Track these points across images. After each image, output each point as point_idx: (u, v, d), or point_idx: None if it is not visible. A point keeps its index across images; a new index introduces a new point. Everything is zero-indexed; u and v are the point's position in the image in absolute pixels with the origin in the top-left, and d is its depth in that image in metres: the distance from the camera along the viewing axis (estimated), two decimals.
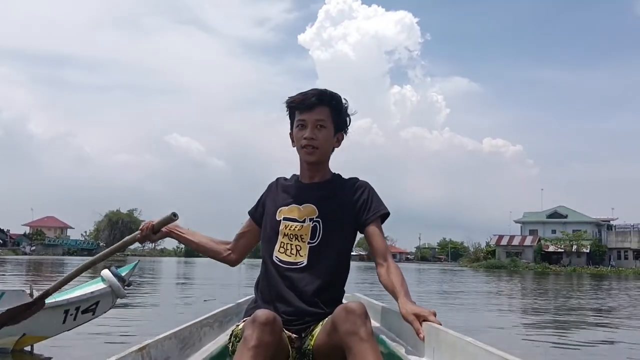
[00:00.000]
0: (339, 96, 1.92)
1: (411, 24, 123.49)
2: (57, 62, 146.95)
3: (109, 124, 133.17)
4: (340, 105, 1.93)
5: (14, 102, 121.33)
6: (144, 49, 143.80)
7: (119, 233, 78.34)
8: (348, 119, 1.97)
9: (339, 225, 1.88)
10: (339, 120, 1.93)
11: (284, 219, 1.90)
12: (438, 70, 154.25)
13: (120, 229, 79.11)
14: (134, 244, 2.24)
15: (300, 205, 1.91)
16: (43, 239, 71.78)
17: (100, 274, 4.60)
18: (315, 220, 1.87)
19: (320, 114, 1.87)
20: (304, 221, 1.88)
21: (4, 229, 67.57)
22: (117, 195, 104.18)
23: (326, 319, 1.70)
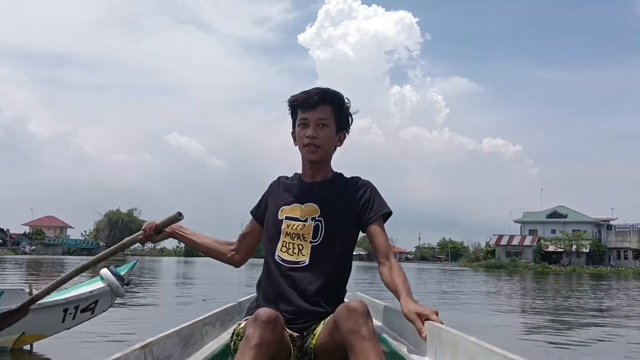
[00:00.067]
0: (341, 95, 1.92)
1: (411, 24, 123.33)
2: (57, 62, 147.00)
3: (109, 123, 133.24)
4: (342, 104, 1.92)
5: (14, 102, 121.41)
6: (144, 49, 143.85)
7: (119, 233, 78.33)
8: (350, 118, 1.97)
9: (341, 224, 1.88)
10: (341, 119, 1.93)
11: (286, 218, 1.90)
12: (438, 70, 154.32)
13: (120, 228, 79.09)
14: (134, 244, 2.19)
15: (302, 204, 1.90)
16: (43, 239, 71.76)
17: (99, 273, 4.61)
18: (317, 219, 1.86)
19: (322, 113, 1.87)
20: (306, 220, 1.87)
21: (4, 229, 67.54)
22: (117, 194, 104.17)
23: (328, 317, 1.69)
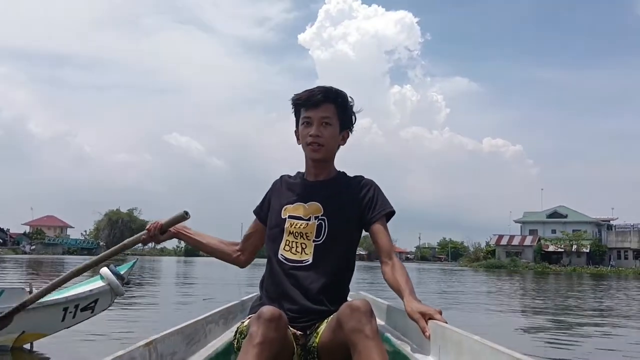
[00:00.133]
0: (344, 94, 1.92)
1: (411, 24, 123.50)
2: (57, 62, 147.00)
3: (109, 123, 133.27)
4: (346, 103, 1.92)
5: (14, 102, 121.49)
6: (144, 49, 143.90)
7: (119, 232, 78.39)
8: (353, 116, 1.97)
9: (344, 223, 1.87)
10: (345, 118, 1.93)
11: (289, 217, 1.89)
12: (438, 70, 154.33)
13: (120, 228, 79.11)
14: (137, 244, 2.16)
15: (305, 203, 1.90)
16: (43, 238, 71.66)
17: (99, 272, 4.61)
18: (320, 218, 1.86)
19: (326, 112, 1.86)
20: (309, 219, 1.87)
21: (4, 228, 67.51)
22: (117, 194, 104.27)
23: (331, 316, 1.70)
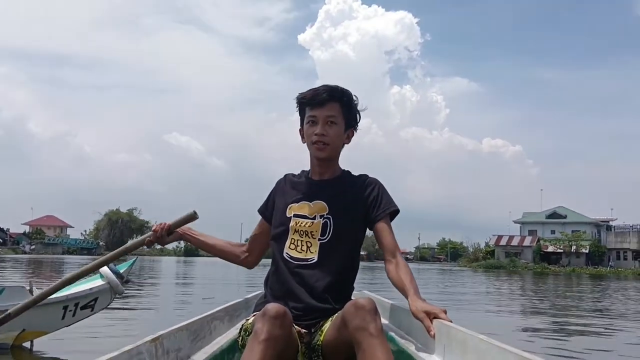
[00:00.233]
0: (349, 92, 1.92)
1: (411, 24, 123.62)
2: (57, 62, 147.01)
3: (109, 123, 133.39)
4: (350, 102, 1.92)
5: (14, 102, 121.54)
6: (144, 49, 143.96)
7: (119, 232, 78.52)
8: (358, 115, 1.97)
9: (349, 222, 1.88)
10: (350, 117, 1.93)
11: (295, 215, 1.90)
12: (438, 70, 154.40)
13: (120, 228, 79.22)
14: (142, 246, 2.12)
15: (310, 202, 1.90)
16: (43, 238, 71.64)
17: (98, 270, 4.65)
18: (325, 217, 1.87)
19: (331, 110, 1.87)
20: (314, 218, 1.87)
21: (4, 228, 67.47)
22: (117, 194, 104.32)
23: (336, 314, 1.70)
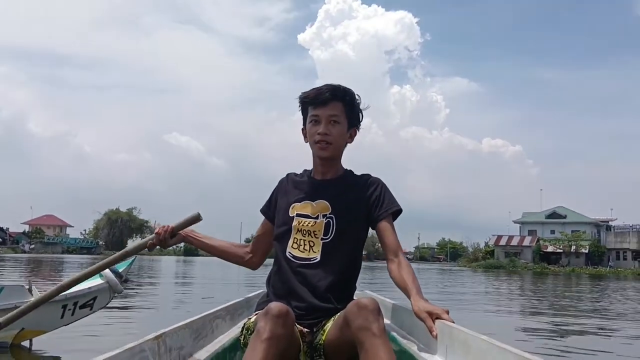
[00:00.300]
0: (352, 92, 1.92)
1: (411, 24, 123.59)
2: (57, 62, 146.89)
3: (109, 123, 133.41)
4: (353, 101, 1.92)
5: (14, 101, 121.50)
6: (144, 48, 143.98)
7: (118, 232, 78.56)
8: (361, 114, 1.97)
9: (352, 221, 1.88)
10: (352, 116, 1.93)
11: (297, 215, 1.90)
12: (438, 70, 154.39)
13: (120, 227, 79.25)
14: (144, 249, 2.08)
15: (313, 201, 1.90)
16: (42, 237, 71.64)
17: None
18: (328, 216, 1.87)
19: (334, 110, 1.87)
20: (317, 217, 1.87)
21: (4, 227, 67.58)
22: (117, 194, 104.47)
23: (338, 314, 1.70)
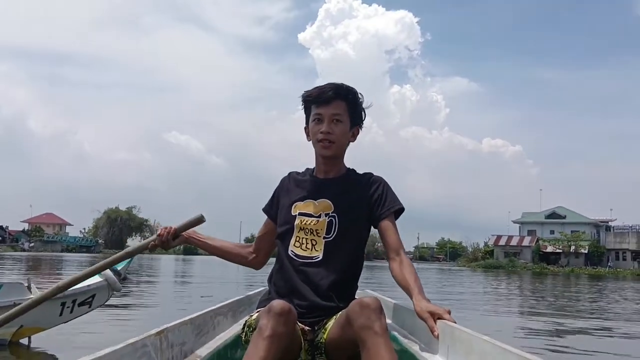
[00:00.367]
0: (355, 90, 1.92)
1: (411, 24, 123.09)
2: (57, 60, 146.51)
3: (109, 121, 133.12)
4: (356, 100, 1.92)
5: (14, 100, 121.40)
6: (144, 47, 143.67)
7: (118, 230, 78.61)
8: (363, 113, 1.97)
9: (354, 220, 1.88)
10: (355, 115, 1.93)
11: (300, 214, 1.90)
12: (438, 70, 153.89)
13: (119, 226, 79.27)
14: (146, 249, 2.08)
15: (315, 200, 1.90)
16: (42, 236, 71.60)
17: None
18: (331, 215, 1.87)
19: (336, 108, 1.87)
20: (319, 216, 1.87)
21: (3, 225, 67.58)
22: (116, 192, 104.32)
23: (340, 313, 1.70)
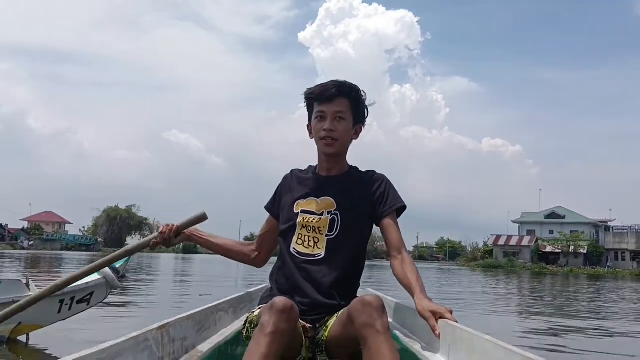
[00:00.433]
0: (358, 88, 1.92)
1: (411, 23, 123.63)
2: (57, 59, 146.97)
3: (109, 120, 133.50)
4: (359, 97, 1.92)
5: (14, 98, 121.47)
6: (144, 46, 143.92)
7: (117, 229, 78.61)
8: (366, 110, 1.97)
9: (357, 218, 1.88)
10: (358, 112, 1.93)
11: (302, 211, 1.89)
12: (438, 69, 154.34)
13: (119, 224, 79.29)
14: (147, 247, 2.08)
15: (318, 198, 1.90)
16: (41, 234, 71.54)
17: None
18: (333, 213, 1.86)
19: (339, 106, 1.86)
20: (322, 214, 1.87)
21: (3, 224, 67.58)
22: (116, 191, 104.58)
23: (341, 311, 1.70)
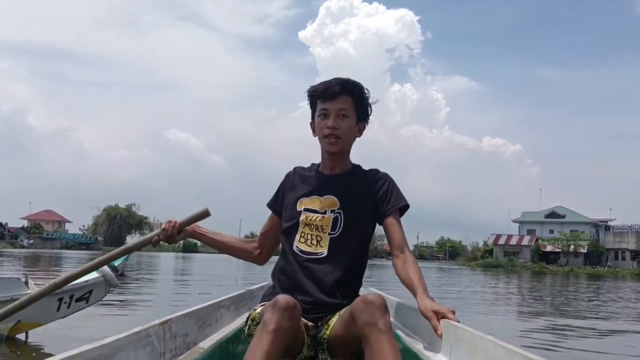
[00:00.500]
0: (361, 85, 1.90)
1: (412, 22, 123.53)
2: (57, 58, 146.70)
3: (109, 119, 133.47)
4: (362, 95, 1.91)
5: (14, 96, 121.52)
6: (144, 46, 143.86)
7: (117, 228, 78.60)
8: (370, 108, 1.95)
9: (360, 216, 1.87)
10: (361, 110, 1.91)
11: (305, 209, 1.89)
12: (438, 68, 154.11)
13: (119, 223, 79.27)
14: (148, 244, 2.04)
15: (321, 196, 1.89)
16: (41, 233, 71.46)
17: None
18: (336, 211, 1.86)
19: (343, 103, 1.85)
20: (325, 212, 1.86)
21: (2, 222, 67.58)
22: (116, 190, 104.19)
23: (343, 309, 1.70)
